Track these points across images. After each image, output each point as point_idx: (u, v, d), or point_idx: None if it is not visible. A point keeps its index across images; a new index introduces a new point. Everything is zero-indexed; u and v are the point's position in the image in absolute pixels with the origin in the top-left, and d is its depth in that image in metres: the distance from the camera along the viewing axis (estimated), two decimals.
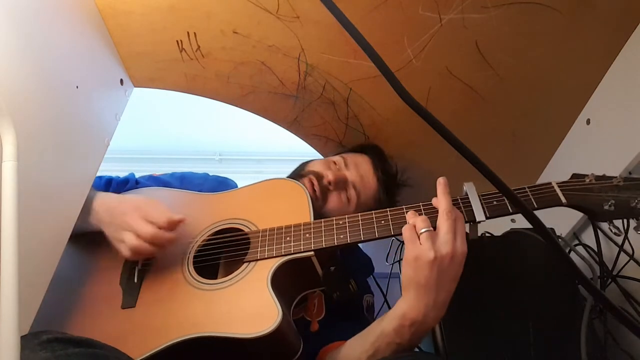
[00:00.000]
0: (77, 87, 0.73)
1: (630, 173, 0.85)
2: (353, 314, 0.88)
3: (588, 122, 0.93)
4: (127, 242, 0.71)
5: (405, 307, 0.63)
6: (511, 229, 0.87)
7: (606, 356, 0.81)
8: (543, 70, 0.89)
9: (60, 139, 0.68)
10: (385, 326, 0.66)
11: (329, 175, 0.88)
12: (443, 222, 0.63)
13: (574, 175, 0.72)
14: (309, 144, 1.11)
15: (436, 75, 0.90)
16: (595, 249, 0.88)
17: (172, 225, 0.73)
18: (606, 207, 0.66)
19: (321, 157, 1.11)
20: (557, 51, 0.85)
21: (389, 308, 1.06)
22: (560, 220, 1.01)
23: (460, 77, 0.90)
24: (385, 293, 1.09)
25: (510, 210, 0.68)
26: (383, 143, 1.05)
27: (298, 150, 1.25)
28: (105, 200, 0.78)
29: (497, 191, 0.69)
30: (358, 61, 0.88)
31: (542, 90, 0.93)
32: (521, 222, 0.64)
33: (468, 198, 0.70)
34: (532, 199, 0.69)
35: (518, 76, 0.90)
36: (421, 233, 0.63)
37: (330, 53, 0.88)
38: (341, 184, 0.90)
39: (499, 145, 1.03)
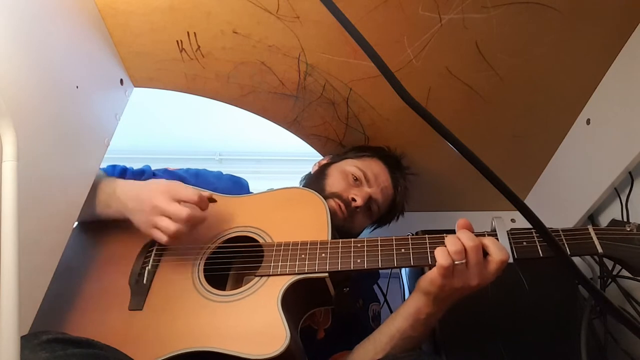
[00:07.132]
0: (77, 87, 0.73)
1: (630, 173, 0.85)
2: (359, 324, 0.88)
3: (588, 122, 0.93)
4: (163, 227, 0.69)
5: (420, 304, 0.67)
6: (512, 229, 0.87)
7: (606, 356, 0.81)
8: (543, 70, 0.89)
9: (60, 139, 0.68)
10: (400, 324, 0.68)
11: (358, 201, 0.88)
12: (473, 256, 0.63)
13: (613, 222, 0.67)
14: (308, 144, 1.11)
15: (436, 75, 0.90)
16: None
17: (204, 202, 0.72)
18: None
19: (321, 156, 1.11)
20: (557, 51, 0.85)
21: (389, 308, 1.07)
22: (560, 218, 1.01)
23: (460, 77, 0.90)
24: (385, 293, 1.08)
25: (541, 254, 0.64)
26: (383, 143, 1.05)
27: (298, 150, 1.25)
28: (128, 188, 0.76)
29: (528, 229, 0.66)
30: (358, 61, 0.88)
31: (542, 90, 0.93)
32: (521, 222, 0.64)
33: (496, 234, 0.67)
34: (565, 244, 0.65)
35: (518, 76, 0.90)
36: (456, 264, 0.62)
37: (330, 53, 0.88)
38: (368, 203, 0.91)
39: (499, 145, 1.03)
